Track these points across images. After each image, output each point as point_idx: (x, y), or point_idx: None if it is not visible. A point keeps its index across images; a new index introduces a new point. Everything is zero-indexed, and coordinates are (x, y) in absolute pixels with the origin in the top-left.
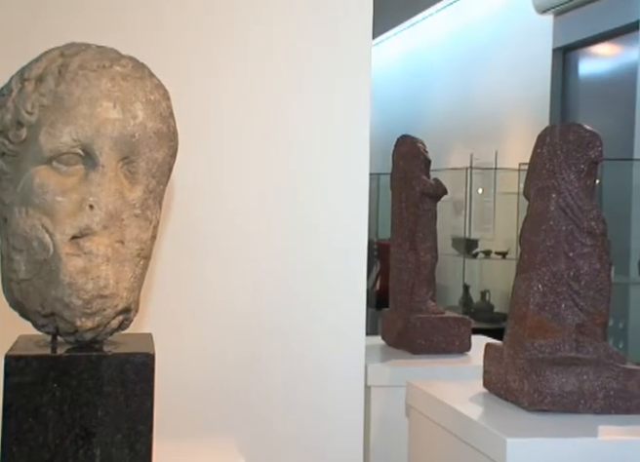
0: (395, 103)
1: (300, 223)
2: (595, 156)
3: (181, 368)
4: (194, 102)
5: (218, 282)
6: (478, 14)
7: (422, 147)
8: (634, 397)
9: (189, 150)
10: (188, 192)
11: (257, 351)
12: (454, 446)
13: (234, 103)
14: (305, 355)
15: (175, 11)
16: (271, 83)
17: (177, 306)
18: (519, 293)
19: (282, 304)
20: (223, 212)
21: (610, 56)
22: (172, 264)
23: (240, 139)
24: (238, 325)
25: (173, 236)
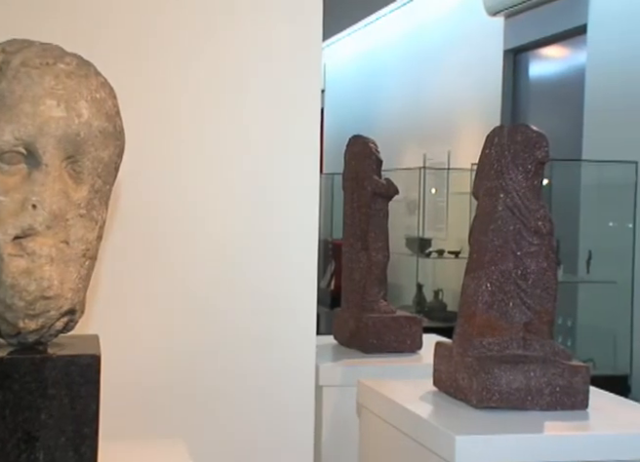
0: (350, 104)
1: (251, 223)
2: (542, 156)
3: (129, 370)
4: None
5: (166, 283)
6: (431, 15)
7: (374, 147)
8: (579, 393)
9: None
10: (137, 192)
11: (206, 351)
12: (404, 445)
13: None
14: (256, 355)
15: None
16: (221, 83)
17: (124, 307)
18: (468, 292)
19: (232, 304)
20: (173, 214)
21: (559, 58)
22: (119, 264)
23: (190, 140)
24: (186, 325)
25: (120, 236)
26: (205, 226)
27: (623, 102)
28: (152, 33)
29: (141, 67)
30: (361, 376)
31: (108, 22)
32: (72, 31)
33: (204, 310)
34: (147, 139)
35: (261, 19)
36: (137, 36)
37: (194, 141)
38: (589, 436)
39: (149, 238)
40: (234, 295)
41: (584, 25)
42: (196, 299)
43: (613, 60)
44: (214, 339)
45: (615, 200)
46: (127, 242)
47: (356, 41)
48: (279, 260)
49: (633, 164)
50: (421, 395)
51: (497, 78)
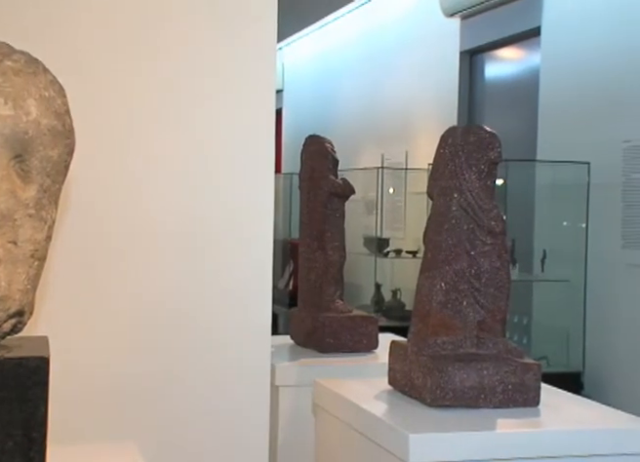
0: (308, 104)
1: (205, 223)
2: (494, 157)
3: (79, 372)
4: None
5: (117, 283)
6: (388, 16)
7: (330, 147)
8: (531, 390)
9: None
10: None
11: (158, 352)
12: (358, 444)
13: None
14: (210, 355)
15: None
16: (176, 83)
17: (73, 308)
18: (423, 292)
19: (186, 304)
20: (124, 214)
21: (514, 59)
22: (69, 265)
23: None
24: (138, 326)
25: (70, 236)
26: (157, 226)
27: (577, 104)
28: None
29: (93, 65)
30: (317, 376)
31: (60, 21)
32: (20, 29)
33: (156, 311)
34: (98, 138)
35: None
36: (88, 35)
37: (146, 141)
38: (540, 432)
39: (100, 238)
40: (187, 295)
41: (538, 28)
42: (148, 300)
43: (566, 62)
44: (166, 339)
45: (568, 200)
46: (77, 242)
47: (314, 41)
48: (233, 260)
49: (586, 165)
50: (376, 394)
51: (453, 79)
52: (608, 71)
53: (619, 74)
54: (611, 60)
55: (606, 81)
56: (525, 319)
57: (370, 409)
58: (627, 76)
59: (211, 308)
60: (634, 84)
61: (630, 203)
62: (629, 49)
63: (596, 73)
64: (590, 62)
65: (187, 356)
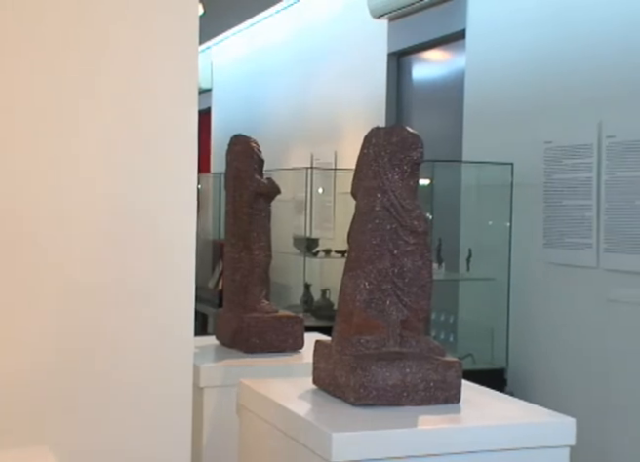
0: (238, 103)
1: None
2: (417, 157)
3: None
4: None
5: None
6: (317, 16)
7: (256, 147)
8: (452, 387)
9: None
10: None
11: (74, 352)
12: (282, 443)
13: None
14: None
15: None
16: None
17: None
18: (347, 291)
19: (106, 304)
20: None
21: (441, 61)
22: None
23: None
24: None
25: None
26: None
27: (501, 105)
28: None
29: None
30: (243, 376)
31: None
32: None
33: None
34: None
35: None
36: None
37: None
38: (460, 428)
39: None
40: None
41: (464, 30)
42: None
43: (490, 65)
44: (86, 341)
45: (492, 200)
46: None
47: (244, 40)
48: (155, 260)
49: (509, 165)
50: (301, 393)
51: (381, 80)
52: (531, 74)
53: (541, 76)
54: (534, 63)
55: (529, 83)
56: (451, 317)
57: (293, 409)
58: (549, 78)
59: (131, 309)
60: (556, 86)
61: (551, 203)
62: (552, 52)
63: (519, 75)
64: (514, 65)
65: (106, 357)
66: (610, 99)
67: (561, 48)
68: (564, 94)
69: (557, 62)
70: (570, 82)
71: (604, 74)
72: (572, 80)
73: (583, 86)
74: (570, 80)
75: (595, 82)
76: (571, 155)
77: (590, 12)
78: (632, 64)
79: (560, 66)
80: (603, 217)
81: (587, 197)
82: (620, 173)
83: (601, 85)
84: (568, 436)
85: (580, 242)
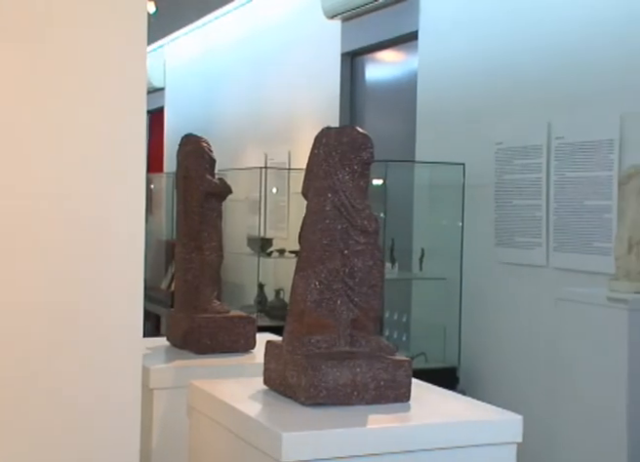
0: (192, 102)
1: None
2: (367, 157)
3: None
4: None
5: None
6: (271, 16)
7: (207, 146)
8: (402, 386)
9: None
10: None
11: (18, 353)
12: (233, 445)
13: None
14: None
15: None
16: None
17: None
18: (298, 291)
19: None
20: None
21: (394, 62)
22: None
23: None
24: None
25: None
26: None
27: (452, 106)
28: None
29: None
30: (193, 377)
31: None
32: None
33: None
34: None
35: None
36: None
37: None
38: (409, 426)
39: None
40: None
41: (416, 31)
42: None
43: (442, 66)
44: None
45: (445, 200)
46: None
47: (197, 39)
48: (103, 261)
49: (461, 165)
50: (251, 394)
51: (335, 80)
52: (482, 75)
53: (492, 78)
54: (485, 65)
55: (480, 84)
56: (404, 316)
57: (243, 410)
58: (500, 80)
59: (78, 309)
60: (506, 87)
61: (502, 203)
62: (503, 53)
63: (471, 77)
64: (465, 66)
65: (51, 359)
66: (559, 101)
67: (512, 50)
68: (514, 95)
69: (508, 64)
70: (520, 83)
71: (553, 76)
72: (522, 81)
73: (534, 87)
74: (520, 81)
75: (545, 83)
76: (521, 156)
77: (541, 15)
78: (581, 66)
79: (511, 68)
80: (552, 217)
81: (537, 197)
82: (568, 173)
83: (550, 86)
84: (515, 433)
85: (530, 241)
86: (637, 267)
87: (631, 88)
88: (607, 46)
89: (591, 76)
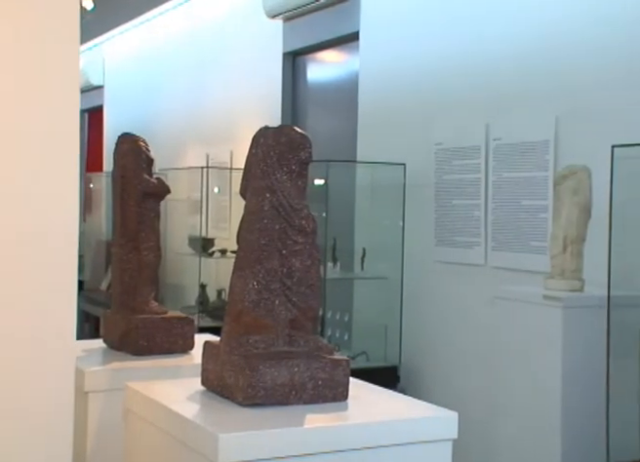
0: (132, 101)
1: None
2: (305, 157)
3: None
4: None
5: None
6: (212, 14)
7: (144, 146)
8: (340, 385)
9: None
10: None
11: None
12: (169, 447)
13: None
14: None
15: None
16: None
17: None
18: (235, 291)
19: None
20: None
21: (335, 62)
22: None
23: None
24: None
25: None
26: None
27: (393, 107)
28: None
29: None
30: (130, 380)
31: None
32: None
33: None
34: None
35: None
36: None
37: None
38: (347, 425)
39: None
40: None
41: (357, 32)
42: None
43: (383, 66)
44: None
45: (386, 200)
46: None
47: (138, 36)
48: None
49: (402, 166)
50: (189, 395)
51: (277, 80)
52: (422, 76)
53: (432, 79)
54: (425, 66)
55: (420, 85)
56: (346, 315)
57: (180, 411)
58: (440, 81)
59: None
60: (446, 88)
61: (442, 203)
62: (441, 54)
63: (410, 77)
64: (405, 67)
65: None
66: (497, 102)
67: (451, 51)
68: (454, 96)
69: (448, 66)
70: (459, 85)
71: (491, 77)
72: (461, 83)
73: (472, 89)
74: (459, 83)
75: (483, 85)
76: (460, 156)
77: (480, 18)
78: (518, 68)
79: (450, 69)
80: (490, 217)
81: (476, 197)
82: (506, 173)
83: (489, 88)
84: (450, 429)
85: (469, 240)
86: (571, 266)
87: (566, 90)
88: (543, 49)
89: (528, 78)
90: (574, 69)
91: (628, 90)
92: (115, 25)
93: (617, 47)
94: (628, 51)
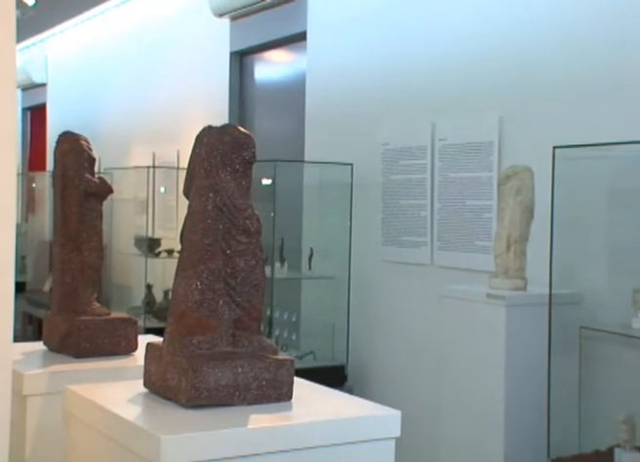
0: (77, 99)
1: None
2: (249, 157)
3: None
4: None
5: None
6: (159, 12)
7: (86, 145)
8: (284, 385)
9: None
10: None
11: None
12: (111, 451)
13: None
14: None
15: None
16: None
17: None
18: (179, 291)
19: None
20: None
21: (283, 62)
22: None
23: None
24: None
25: None
26: None
27: (341, 107)
28: None
29: None
30: (71, 382)
31: None
32: None
33: None
34: None
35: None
36: None
37: None
38: (291, 425)
39: None
40: None
41: (304, 32)
42: None
43: (330, 66)
44: None
45: (333, 200)
46: None
47: (82, 33)
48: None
49: (349, 166)
50: (131, 397)
51: (224, 79)
52: (368, 76)
53: (378, 79)
54: (372, 66)
55: (367, 85)
56: (294, 315)
57: (121, 414)
58: (386, 81)
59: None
60: (392, 89)
61: (389, 203)
62: (389, 55)
63: (358, 77)
64: (352, 67)
65: None
66: (442, 103)
67: (399, 52)
68: (400, 96)
69: (394, 66)
70: (406, 85)
71: (438, 78)
72: (408, 83)
73: (419, 89)
74: (406, 83)
75: (429, 86)
76: (406, 156)
77: (428, 19)
78: (463, 70)
79: (397, 70)
80: (436, 217)
81: (422, 197)
82: (451, 173)
83: (435, 89)
84: (393, 428)
85: (415, 240)
86: (515, 265)
87: (509, 91)
88: (488, 51)
89: (473, 79)
90: (517, 71)
91: (569, 92)
92: (59, 22)
93: (559, 49)
94: (570, 53)
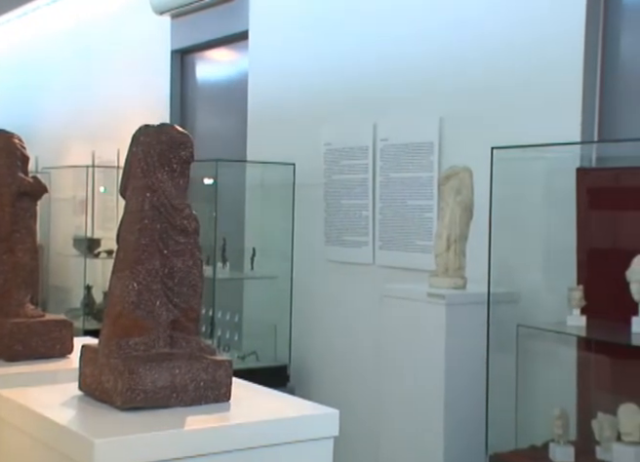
0: (11, 98)
1: None
2: (187, 156)
3: None
4: None
5: None
6: (99, 9)
7: (19, 143)
8: (222, 386)
9: None
10: None
11: None
12: (45, 457)
13: None
14: None
15: None
16: None
17: None
18: (115, 292)
19: None
20: None
21: (225, 61)
22: None
23: None
24: None
25: None
26: None
27: (283, 107)
28: None
29: None
30: (4, 387)
31: None
32: None
33: None
34: None
35: None
36: None
37: None
38: (229, 426)
39: None
40: None
41: (246, 31)
42: None
43: (272, 66)
44: None
45: (276, 199)
46: None
47: (18, 29)
48: None
49: (291, 166)
50: (65, 401)
51: (165, 78)
52: (310, 76)
53: (320, 79)
54: (314, 66)
55: (309, 85)
56: (236, 316)
57: (54, 418)
58: (328, 81)
59: None
60: (334, 89)
61: (331, 202)
62: (330, 55)
63: (300, 77)
64: (294, 67)
65: None
66: (384, 104)
67: (340, 52)
68: (342, 96)
69: (336, 66)
70: (348, 85)
71: (379, 79)
72: (350, 83)
73: (360, 90)
74: (348, 83)
75: (371, 86)
76: (348, 156)
77: (369, 20)
78: (404, 70)
79: (339, 70)
80: (378, 216)
81: (364, 197)
82: (392, 173)
83: (376, 89)
84: (331, 427)
85: (357, 240)
86: (455, 264)
87: (449, 92)
88: (428, 52)
89: (413, 80)
90: (457, 72)
91: (508, 93)
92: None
93: (498, 52)
94: (510, 55)
